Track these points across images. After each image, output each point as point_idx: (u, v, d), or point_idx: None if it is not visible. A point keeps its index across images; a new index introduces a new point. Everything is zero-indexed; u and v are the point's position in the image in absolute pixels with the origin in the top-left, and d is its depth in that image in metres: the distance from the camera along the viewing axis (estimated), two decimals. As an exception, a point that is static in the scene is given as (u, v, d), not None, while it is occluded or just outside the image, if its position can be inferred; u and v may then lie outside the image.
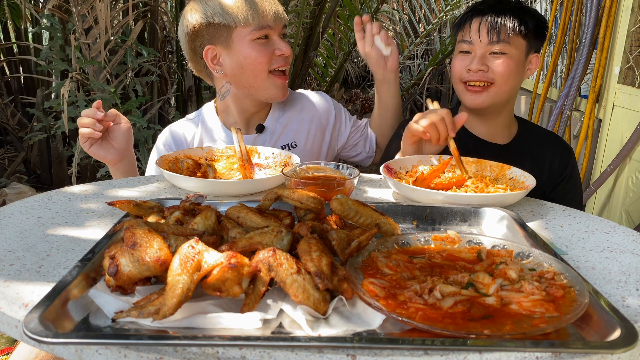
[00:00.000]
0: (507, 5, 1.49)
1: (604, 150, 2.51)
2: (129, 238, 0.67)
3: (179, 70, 3.86)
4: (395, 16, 6.25)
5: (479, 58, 1.47)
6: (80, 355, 0.61)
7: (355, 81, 7.92)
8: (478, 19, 1.48)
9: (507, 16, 1.46)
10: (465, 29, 1.50)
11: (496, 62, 1.47)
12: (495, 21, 1.46)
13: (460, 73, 1.52)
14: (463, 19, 1.53)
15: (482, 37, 1.46)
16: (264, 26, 1.42)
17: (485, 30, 1.46)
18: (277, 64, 1.46)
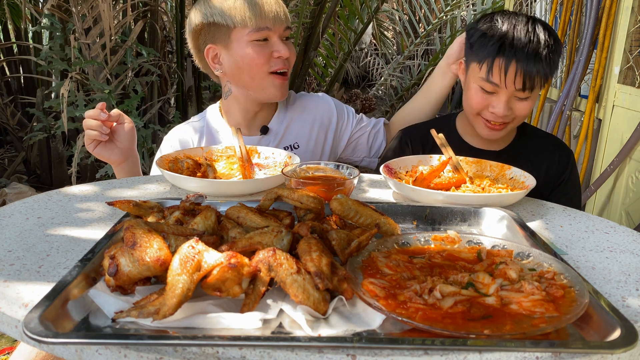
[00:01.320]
0: (540, 45, 1.35)
1: (604, 150, 2.51)
2: (129, 238, 0.67)
3: (179, 70, 3.86)
4: (395, 16, 6.25)
5: (506, 103, 1.38)
6: (80, 355, 0.61)
7: (355, 81, 7.92)
8: (513, 65, 1.33)
9: (542, 63, 1.35)
10: (494, 69, 1.35)
11: (521, 105, 1.39)
12: (531, 70, 1.34)
13: (481, 111, 1.43)
14: (490, 57, 1.36)
15: (517, 85, 1.35)
16: (262, 28, 1.42)
17: (521, 80, 1.35)
18: (276, 66, 1.45)
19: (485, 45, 1.38)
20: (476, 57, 1.40)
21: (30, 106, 3.63)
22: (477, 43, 1.41)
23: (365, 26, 4.16)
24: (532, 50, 1.34)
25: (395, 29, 6.95)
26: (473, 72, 1.43)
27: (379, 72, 7.14)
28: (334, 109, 1.66)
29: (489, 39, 1.38)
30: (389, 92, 5.94)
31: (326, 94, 1.74)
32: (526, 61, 1.33)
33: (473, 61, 1.42)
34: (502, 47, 1.35)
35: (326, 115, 1.65)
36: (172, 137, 1.60)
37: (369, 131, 1.69)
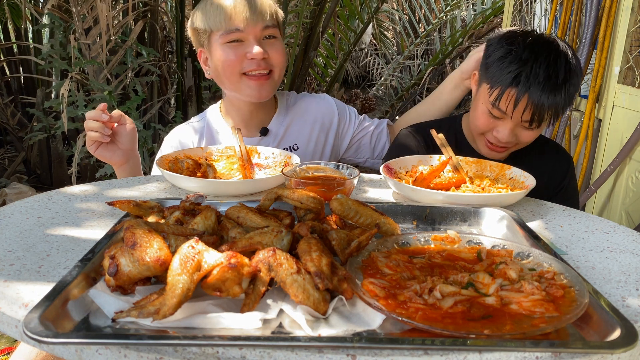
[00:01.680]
0: (557, 83, 1.28)
1: (604, 150, 2.51)
2: (129, 238, 0.67)
3: (179, 70, 3.86)
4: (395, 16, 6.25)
5: (510, 131, 1.34)
6: (80, 355, 0.61)
7: (355, 81, 7.92)
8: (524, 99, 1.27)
9: (555, 101, 1.28)
10: (503, 98, 1.29)
11: (526, 133, 1.35)
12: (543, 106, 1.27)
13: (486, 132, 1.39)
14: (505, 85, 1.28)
15: (524, 118, 1.31)
16: (231, 30, 1.42)
17: (529, 114, 1.29)
18: (249, 67, 1.45)
19: (501, 71, 1.31)
20: (490, 79, 1.34)
21: (30, 106, 3.63)
22: (494, 65, 1.33)
23: (365, 26, 4.17)
24: (548, 87, 1.27)
25: (395, 29, 6.95)
26: (483, 92, 1.37)
27: (379, 72, 7.14)
28: (335, 110, 1.66)
29: (506, 65, 1.30)
30: (389, 92, 5.94)
31: (327, 95, 1.73)
32: (539, 97, 1.27)
33: (485, 82, 1.36)
34: (517, 78, 1.28)
35: (327, 116, 1.65)
36: (172, 138, 1.61)
37: (371, 131, 1.68)
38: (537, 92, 1.27)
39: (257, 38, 1.45)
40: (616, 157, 2.31)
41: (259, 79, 1.46)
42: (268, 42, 1.47)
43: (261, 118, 1.60)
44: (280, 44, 1.51)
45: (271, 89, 1.50)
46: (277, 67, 1.49)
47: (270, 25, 1.46)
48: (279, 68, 1.50)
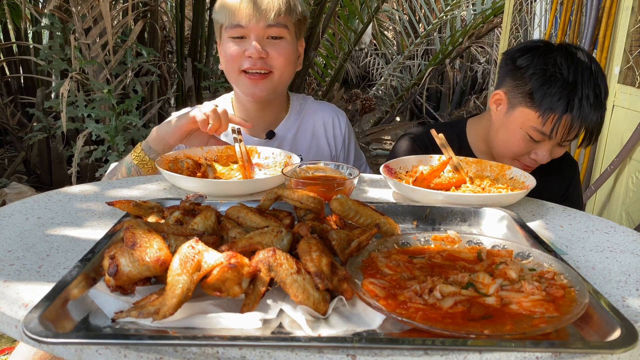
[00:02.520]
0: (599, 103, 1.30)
1: (604, 150, 2.51)
2: (128, 238, 0.67)
3: (179, 70, 3.86)
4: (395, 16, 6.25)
5: (550, 152, 1.33)
6: (80, 355, 0.61)
7: (355, 81, 7.92)
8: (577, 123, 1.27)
9: (600, 116, 1.30)
10: (552, 122, 1.27)
11: (560, 150, 1.36)
12: (592, 126, 1.29)
13: (521, 156, 1.38)
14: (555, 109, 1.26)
15: (570, 137, 1.31)
16: (234, 25, 1.41)
17: (575, 133, 1.30)
18: (247, 65, 1.42)
19: (552, 98, 1.27)
20: (537, 107, 1.29)
21: (30, 106, 3.63)
22: (539, 92, 1.29)
23: (365, 26, 4.17)
24: (597, 106, 1.27)
25: (395, 29, 6.95)
26: (524, 117, 1.33)
27: (379, 72, 7.14)
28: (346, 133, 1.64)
29: (555, 90, 1.27)
30: (389, 92, 5.94)
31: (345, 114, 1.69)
32: (591, 118, 1.27)
33: (530, 108, 1.32)
34: (570, 103, 1.26)
35: (338, 136, 1.63)
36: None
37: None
38: (590, 113, 1.26)
39: (259, 36, 1.42)
40: (616, 157, 2.31)
41: (254, 77, 1.44)
42: (271, 42, 1.44)
43: (269, 119, 1.57)
44: (286, 45, 1.46)
45: (268, 89, 1.46)
46: (276, 68, 1.45)
47: (275, 24, 1.42)
48: (279, 70, 1.46)
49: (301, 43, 1.58)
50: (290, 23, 1.47)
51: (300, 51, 1.58)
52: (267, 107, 1.56)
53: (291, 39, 1.48)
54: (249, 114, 1.56)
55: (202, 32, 4.01)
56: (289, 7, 1.46)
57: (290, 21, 1.47)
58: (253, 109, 1.55)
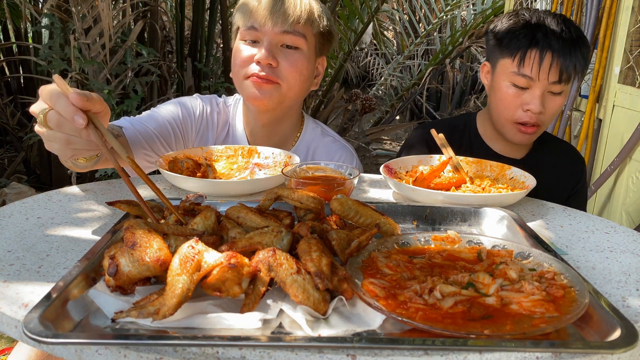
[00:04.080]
0: (573, 36, 1.31)
1: (604, 150, 2.51)
2: (128, 238, 0.67)
3: (178, 70, 3.86)
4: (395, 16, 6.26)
5: (539, 98, 1.32)
6: (80, 355, 0.61)
7: (355, 81, 7.92)
8: (549, 55, 1.28)
9: (576, 52, 1.30)
10: (527, 61, 1.30)
11: (553, 103, 1.34)
12: (567, 61, 1.28)
13: (515, 112, 1.36)
14: (524, 48, 1.30)
15: (551, 77, 1.30)
16: (248, 26, 1.32)
17: (557, 72, 1.29)
18: (253, 70, 1.32)
19: (517, 37, 1.32)
20: (507, 51, 1.34)
21: (30, 106, 3.62)
22: (506, 37, 1.35)
23: (365, 26, 4.17)
24: (567, 41, 1.29)
25: (395, 29, 6.95)
26: (503, 68, 1.37)
27: (379, 72, 7.14)
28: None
29: (519, 30, 1.32)
30: (389, 92, 5.94)
31: (354, 153, 1.56)
32: (562, 51, 1.28)
33: (503, 57, 1.36)
34: (535, 37, 1.29)
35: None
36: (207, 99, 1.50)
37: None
38: (558, 46, 1.28)
39: (272, 42, 1.31)
40: (616, 157, 2.31)
41: (259, 80, 1.32)
42: (285, 51, 1.33)
43: (276, 140, 1.47)
44: (301, 57, 1.34)
45: (273, 97, 1.34)
46: (285, 80, 1.33)
47: (292, 31, 1.31)
48: (287, 83, 1.34)
49: (322, 61, 1.46)
50: (310, 34, 1.36)
51: (320, 70, 1.46)
52: (276, 125, 1.45)
53: (309, 52, 1.36)
54: (255, 127, 1.47)
55: (202, 32, 4.01)
56: (311, 16, 1.34)
57: (311, 32, 1.36)
58: (259, 124, 1.45)
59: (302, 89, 1.40)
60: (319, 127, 1.57)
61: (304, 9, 1.32)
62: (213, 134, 1.51)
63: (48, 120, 0.89)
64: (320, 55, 1.44)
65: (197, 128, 1.49)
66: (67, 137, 0.91)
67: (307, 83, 1.41)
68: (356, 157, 1.54)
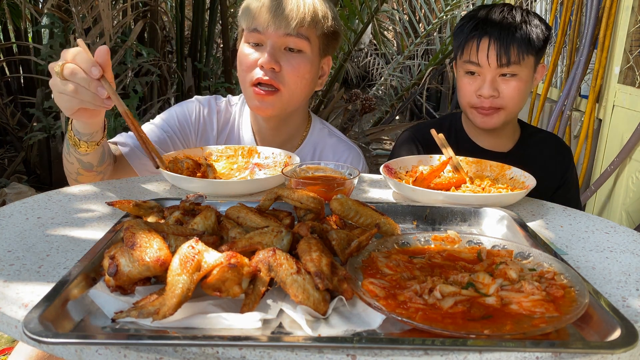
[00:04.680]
0: (514, 22, 1.37)
1: (604, 150, 2.51)
2: (128, 238, 0.67)
3: (178, 70, 3.86)
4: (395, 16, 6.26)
5: (489, 83, 1.38)
6: (80, 355, 0.61)
7: (355, 81, 7.93)
8: (485, 39, 1.36)
9: (515, 35, 1.35)
10: (470, 49, 1.39)
11: (507, 86, 1.39)
12: (505, 43, 1.34)
13: (470, 98, 1.43)
14: (465, 36, 1.40)
15: (491, 62, 1.36)
16: (252, 29, 1.32)
17: (495, 54, 1.35)
18: (257, 76, 1.32)
19: (462, 29, 1.42)
20: (456, 43, 1.45)
21: (30, 106, 3.63)
22: (456, 32, 1.46)
23: (365, 26, 4.17)
24: (505, 25, 1.37)
25: (395, 29, 6.95)
26: (458, 63, 1.46)
27: (379, 72, 7.14)
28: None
29: (465, 24, 1.42)
30: (389, 92, 5.94)
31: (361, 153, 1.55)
32: (499, 34, 1.36)
33: (457, 51, 1.46)
34: (476, 26, 1.39)
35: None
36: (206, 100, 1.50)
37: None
38: (496, 31, 1.36)
39: (275, 45, 1.31)
40: (616, 157, 2.31)
41: (261, 92, 1.33)
42: (288, 55, 1.33)
43: (282, 138, 1.48)
44: (303, 61, 1.34)
45: (275, 107, 1.36)
46: (287, 85, 1.33)
47: (295, 35, 1.30)
48: (289, 88, 1.34)
49: (327, 61, 1.45)
50: (314, 36, 1.35)
51: (325, 70, 1.46)
52: (282, 125, 1.46)
53: (312, 55, 1.36)
54: (260, 128, 1.49)
55: (202, 32, 4.01)
56: (315, 18, 1.33)
57: (315, 34, 1.35)
58: (265, 125, 1.47)
59: (305, 91, 1.40)
60: (326, 127, 1.57)
61: (308, 11, 1.31)
62: (213, 134, 1.52)
63: (64, 69, 0.99)
64: (326, 55, 1.43)
65: (196, 131, 1.50)
66: (76, 86, 1.01)
67: (310, 86, 1.41)
68: (363, 158, 1.54)
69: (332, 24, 1.38)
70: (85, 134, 1.18)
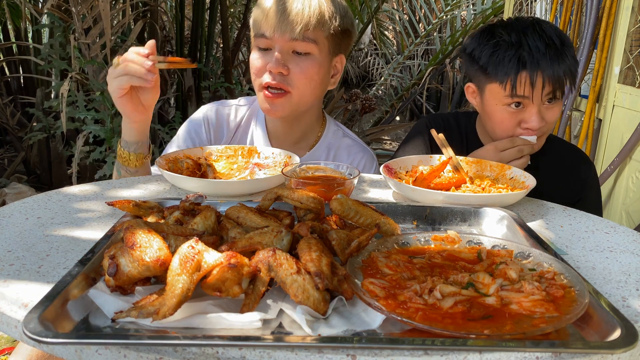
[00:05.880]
0: (557, 46, 1.28)
1: (604, 150, 2.51)
2: (128, 238, 0.67)
3: (178, 70, 3.85)
4: (395, 16, 6.26)
5: (538, 114, 1.30)
6: (80, 355, 0.61)
7: (355, 81, 7.93)
8: (539, 75, 1.26)
9: (565, 62, 1.27)
10: (519, 86, 1.27)
11: (552, 111, 1.33)
12: (559, 74, 1.26)
13: (514, 130, 1.34)
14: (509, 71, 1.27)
15: (545, 94, 1.29)
16: (260, 35, 1.34)
17: (550, 88, 1.28)
18: (267, 80, 1.34)
19: (502, 62, 1.28)
20: (495, 77, 1.31)
21: (30, 106, 3.63)
22: (490, 63, 1.31)
23: (365, 26, 4.17)
24: (554, 55, 1.26)
25: (395, 28, 6.95)
26: (493, 93, 1.33)
27: (379, 72, 7.14)
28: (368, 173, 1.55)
29: (503, 55, 1.28)
30: (389, 92, 5.94)
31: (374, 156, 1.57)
32: (551, 67, 1.26)
33: (491, 83, 1.33)
34: (521, 60, 1.26)
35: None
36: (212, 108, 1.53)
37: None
38: (546, 63, 1.25)
39: (282, 49, 1.33)
40: (616, 157, 2.31)
41: (271, 95, 1.36)
42: (296, 58, 1.34)
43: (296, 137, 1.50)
44: (311, 63, 1.35)
45: (285, 109, 1.38)
46: (296, 87, 1.35)
47: (301, 39, 1.31)
48: (298, 89, 1.35)
49: (340, 59, 1.45)
50: (322, 37, 1.35)
51: (339, 68, 1.46)
52: (295, 124, 1.48)
53: (321, 56, 1.36)
54: (274, 126, 1.51)
55: (202, 32, 4.01)
56: (321, 21, 1.33)
57: (322, 35, 1.35)
58: (278, 124, 1.49)
59: (316, 92, 1.42)
60: (340, 129, 1.59)
61: (313, 14, 1.31)
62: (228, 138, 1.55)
63: (121, 60, 1.18)
64: (338, 54, 1.43)
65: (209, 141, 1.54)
66: (126, 63, 1.17)
67: (321, 86, 1.42)
68: (376, 161, 1.55)
69: (340, 22, 1.37)
70: (132, 142, 1.30)
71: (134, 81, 1.18)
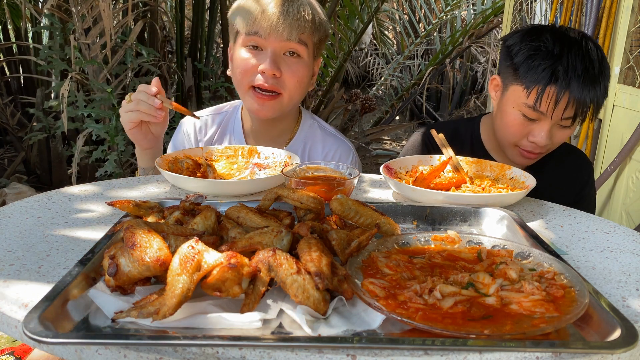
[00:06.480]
0: (599, 75, 1.23)
1: (604, 150, 2.51)
2: (128, 238, 0.67)
3: (178, 70, 3.86)
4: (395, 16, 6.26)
5: (548, 132, 1.26)
6: (80, 355, 0.61)
7: (355, 81, 7.93)
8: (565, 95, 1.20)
9: (596, 91, 1.23)
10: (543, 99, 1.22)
11: (562, 133, 1.28)
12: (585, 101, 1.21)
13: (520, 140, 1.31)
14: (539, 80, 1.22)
15: (566, 114, 1.24)
16: (252, 33, 1.33)
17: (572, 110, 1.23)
18: (258, 81, 1.35)
19: (536, 69, 1.23)
20: (523, 81, 1.26)
21: (30, 106, 3.63)
22: (524, 65, 1.26)
23: (365, 26, 4.17)
24: (588, 80, 1.21)
25: (395, 29, 6.95)
26: (514, 95, 1.29)
27: (379, 72, 7.14)
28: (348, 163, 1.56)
29: (539, 62, 1.23)
30: (389, 92, 5.94)
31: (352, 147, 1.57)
32: (581, 92, 1.21)
33: (517, 83, 1.28)
34: (555, 74, 1.21)
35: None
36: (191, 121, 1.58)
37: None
38: (578, 86, 1.20)
39: (276, 51, 1.34)
40: (616, 157, 2.31)
41: (262, 97, 1.37)
42: (287, 60, 1.36)
43: (274, 134, 1.52)
44: (302, 66, 1.38)
45: (275, 110, 1.40)
46: (287, 90, 1.38)
47: (295, 40, 1.33)
48: (289, 92, 1.38)
49: (318, 62, 1.49)
50: (311, 41, 1.39)
51: (316, 70, 1.50)
52: (275, 123, 1.51)
53: (308, 59, 1.40)
54: (253, 125, 1.53)
55: (202, 32, 4.01)
56: (315, 26, 1.37)
57: (311, 40, 1.39)
58: (257, 123, 1.51)
59: (301, 94, 1.45)
60: (316, 122, 1.59)
61: (309, 18, 1.34)
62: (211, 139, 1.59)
63: (132, 97, 1.28)
64: (318, 57, 1.48)
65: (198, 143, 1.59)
66: (137, 101, 1.27)
67: (306, 87, 1.46)
68: (353, 152, 1.56)
69: (326, 28, 1.43)
70: (149, 168, 1.42)
71: (144, 117, 1.30)
